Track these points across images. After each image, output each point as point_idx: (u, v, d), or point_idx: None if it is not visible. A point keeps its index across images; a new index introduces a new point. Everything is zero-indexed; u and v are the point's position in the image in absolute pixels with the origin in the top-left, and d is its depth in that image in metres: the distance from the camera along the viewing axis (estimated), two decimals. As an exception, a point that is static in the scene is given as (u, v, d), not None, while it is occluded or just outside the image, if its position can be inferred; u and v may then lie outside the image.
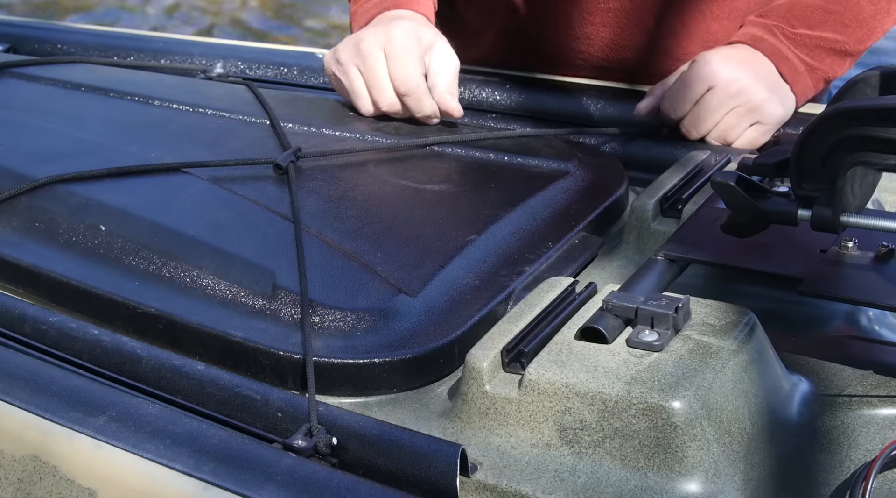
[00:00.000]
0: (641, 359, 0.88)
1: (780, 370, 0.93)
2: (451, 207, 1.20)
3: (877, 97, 0.96)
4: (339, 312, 1.00)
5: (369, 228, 1.14)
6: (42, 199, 1.17)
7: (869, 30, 1.40)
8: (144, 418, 0.89)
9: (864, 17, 1.39)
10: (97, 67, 1.50)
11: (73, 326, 1.01)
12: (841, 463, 0.90)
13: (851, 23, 1.39)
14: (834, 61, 1.39)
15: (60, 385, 0.93)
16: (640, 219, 1.15)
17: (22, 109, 1.39)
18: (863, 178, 0.98)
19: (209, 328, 0.99)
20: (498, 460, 0.86)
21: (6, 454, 0.90)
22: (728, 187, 0.97)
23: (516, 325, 0.93)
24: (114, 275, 1.08)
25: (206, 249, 1.08)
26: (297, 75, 1.53)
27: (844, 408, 0.92)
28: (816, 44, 1.38)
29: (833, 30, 1.38)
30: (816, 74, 1.38)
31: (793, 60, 1.36)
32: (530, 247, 1.12)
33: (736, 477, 0.84)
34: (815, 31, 1.38)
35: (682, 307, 0.91)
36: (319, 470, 0.84)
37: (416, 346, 0.97)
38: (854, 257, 1.01)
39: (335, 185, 1.22)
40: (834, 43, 1.38)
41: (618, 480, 0.84)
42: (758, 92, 1.33)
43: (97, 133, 1.32)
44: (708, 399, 0.85)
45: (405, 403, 0.95)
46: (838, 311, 1.04)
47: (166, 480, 0.84)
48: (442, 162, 1.26)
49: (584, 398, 0.86)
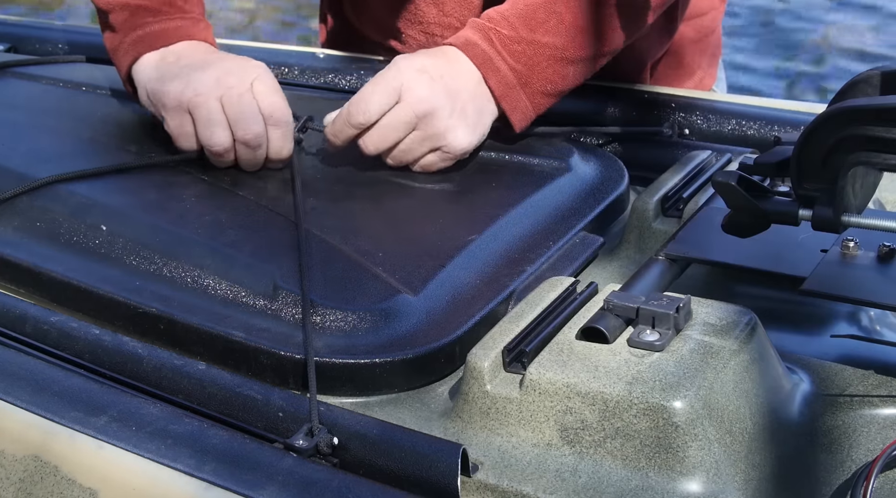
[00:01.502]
0: (642, 359, 0.88)
1: (782, 370, 0.93)
2: (451, 207, 1.20)
3: (878, 97, 0.95)
4: (340, 312, 1.00)
5: (370, 228, 1.14)
6: (43, 199, 1.17)
7: (591, 36, 1.29)
8: (145, 418, 0.89)
9: (586, 19, 1.28)
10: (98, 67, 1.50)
11: (74, 326, 1.01)
12: (842, 463, 0.90)
13: (572, 25, 1.27)
14: (555, 71, 1.27)
15: (61, 385, 0.93)
16: (641, 218, 1.15)
17: (23, 109, 1.39)
18: (864, 178, 0.98)
19: (210, 328, 1.00)
20: (499, 460, 0.86)
21: (7, 454, 0.90)
22: (729, 187, 0.97)
23: (517, 324, 0.93)
24: (115, 275, 1.07)
25: (206, 248, 1.08)
26: (297, 75, 1.53)
27: (845, 408, 0.92)
28: (535, 51, 1.26)
29: (555, 32, 1.27)
30: (533, 88, 1.26)
31: (504, 72, 1.25)
32: (531, 246, 1.12)
33: (737, 477, 0.84)
34: (536, 35, 1.26)
35: (683, 307, 0.91)
36: (320, 470, 0.84)
37: (417, 346, 0.97)
38: (855, 257, 1.01)
39: (336, 185, 1.22)
40: (554, 49, 1.26)
41: (619, 480, 0.84)
42: (444, 119, 1.21)
43: (98, 133, 1.32)
44: (709, 399, 0.85)
45: (406, 402, 0.95)
46: (839, 311, 1.04)
47: (167, 480, 0.84)
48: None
49: (585, 398, 0.86)
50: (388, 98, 1.20)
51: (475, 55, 1.25)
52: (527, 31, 1.26)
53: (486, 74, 1.24)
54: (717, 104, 1.41)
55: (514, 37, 1.26)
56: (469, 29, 1.27)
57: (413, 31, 1.47)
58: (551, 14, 1.27)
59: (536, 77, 1.26)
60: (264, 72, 1.25)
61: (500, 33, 1.26)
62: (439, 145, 1.22)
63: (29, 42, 1.69)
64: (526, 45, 1.26)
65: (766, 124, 1.37)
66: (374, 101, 1.20)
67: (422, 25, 1.45)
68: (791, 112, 1.39)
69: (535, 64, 1.26)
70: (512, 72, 1.25)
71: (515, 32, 1.26)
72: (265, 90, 1.23)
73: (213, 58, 1.27)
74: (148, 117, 1.32)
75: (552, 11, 1.27)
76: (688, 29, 1.56)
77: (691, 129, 1.40)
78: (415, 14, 1.45)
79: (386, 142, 1.21)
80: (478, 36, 1.26)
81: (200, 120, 1.22)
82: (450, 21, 1.42)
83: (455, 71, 1.24)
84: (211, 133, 1.22)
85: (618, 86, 1.47)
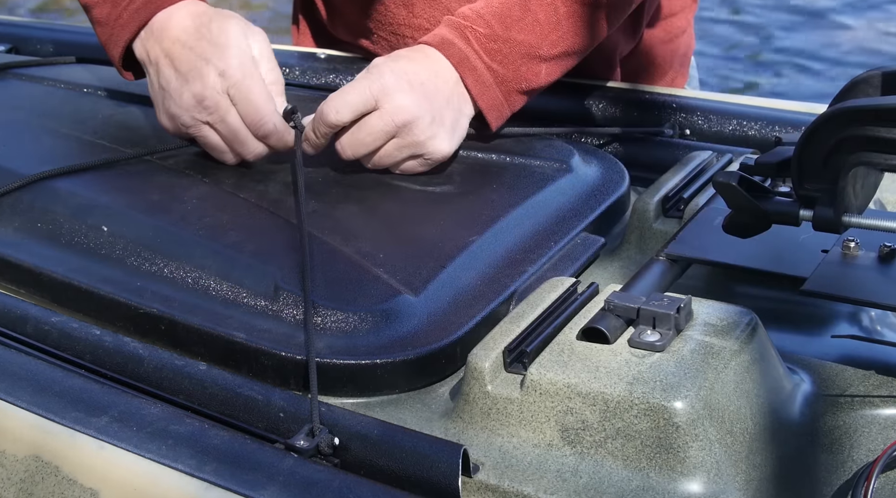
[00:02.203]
0: (643, 359, 0.88)
1: (782, 370, 0.93)
2: (452, 208, 1.20)
3: (878, 97, 0.95)
4: (341, 313, 1.00)
5: (371, 229, 1.14)
6: (44, 199, 1.17)
7: (564, 33, 1.29)
8: (146, 419, 0.89)
9: (558, 17, 1.28)
10: (99, 68, 1.50)
11: (75, 327, 1.01)
12: (843, 463, 0.90)
13: (547, 22, 1.27)
14: (529, 69, 1.27)
15: (62, 385, 0.93)
16: (642, 219, 1.15)
17: (24, 110, 1.39)
18: (864, 179, 0.98)
19: (211, 329, 1.00)
20: (500, 461, 0.86)
21: (8, 454, 0.90)
22: (730, 187, 0.97)
23: (518, 325, 0.93)
24: (116, 275, 1.08)
25: (207, 249, 1.08)
26: (297, 75, 1.53)
27: (846, 408, 0.92)
28: (510, 49, 1.26)
29: (530, 30, 1.27)
30: (508, 86, 1.26)
31: (481, 71, 1.25)
32: (532, 247, 1.12)
33: (738, 477, 0.84)
34: (511, 33, 1.26)
35: (684, 307, 0.91)
36: (321, 470, 0.84)
37: (418, 346, 0.97)
38: (856, 258, 1.01)
39: (336, 187, 1.22)
40: (529, 47, 1.27)
41: (620, 481, 0.84)
42: (424, 128, 1.20)
43: (99, 134, 1.32)
44: (710, 399, 0.85)
45: (407, 403, 0.95)
46: (840, 311, 1.04)
47: (168, 481, 0.84)
48: (443, 162, 1.26)
49: (585, 398, 0.86)
50: (363, 101, 1.19)
51: (452, 55, 1.25)
52: (502, 29, 1.26)
53: (463, 74, 1.25)
54: (717, 104, 1.41)
55: (489, 34, 1.26)
56: (445, 27, 1.27)
57: (383, 33, 1.47)
58: (526, 12, 1.27)
59: (512, 75, 1.27)
60: (236, 58, 1.21)
61: (476, 31, 1.26)
62: (420, 153, 1.22)
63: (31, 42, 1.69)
64: (502, 44, 1.26)
65: (766, 125, 1.37)
66: (347, 101, 1.19)
67: (392, 27, 1.45)
68: (792, 112, 1.39)
69: (511, 62, 1.27)
70: (488, 71, 1.26)
71: (491, 30, 1.26)
72: (244, 97, 1.20)
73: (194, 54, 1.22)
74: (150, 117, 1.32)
75: (527, 9, 1.27)
76: (658, 30, 1.57)
77: (692, 130, 1.40)
78: (385, 16, 1.45)
79: (364, 148, 1.21)
80: (454, 34, 1.26)
81: (203, 145, 1.24)
82: (419, 23, 1.43)
83: (434, 73, 1.23)
84: (219, 156, 1.24)
85: (618, 86, 1.48)
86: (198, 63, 1.21)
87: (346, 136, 1.21)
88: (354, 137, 1.20)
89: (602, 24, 1.33)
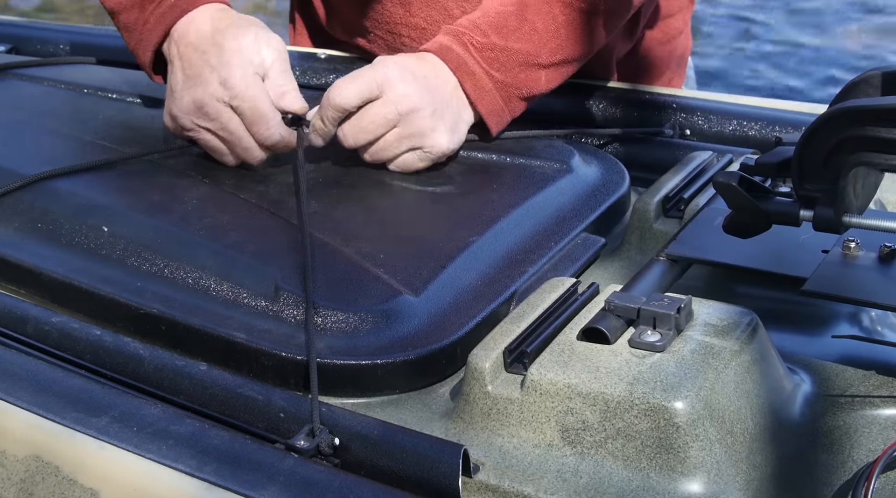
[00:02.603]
0: (643, 359, 0.88)
1: (783, 370, 0.93)
2: (453, 208, 1.20)
3: (878, 97, 0.95)
4: (342, 314, 1.00)
5: (371, 230, 1.14)
6: (44, 199, 1.17)
7: (563, 42, 1.29)
8: (147, 419, 0.89)
9: (556, 25, 1.29)
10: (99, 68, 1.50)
11: (75, 327, 1.01)
12: (843, 463, 0.90)
13: (545, 31, 1.28)
14: (528, 76, 1.28)
15: (63, 386, 0.93)
16: (642, 219, 1.15)
17: (24, 110, 1.39)
18: (865, 179, 0.98)
19: (212, 330, 1.00)
20: (500, 461, 0.86)
21: (9, 455, 0.90)
22: (730, 188, 0.97)
23: (518, 325, 0.93)
24: (116, 276, 1.08)
25: (208, 250, 1.08)
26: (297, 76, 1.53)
27: (847, 408, 0.92)
28: (508, 58, 1.27)
29: (528, 39, 1.28)
30: (508, 92, 1.28)
31: (479, 76, 1.26)
32: (532, 247, 1.12)
33: (738, 477, 0.84)
34: (508, 42, 1.27)
35: (685, 308, 0.91)
36: (321, 470, 0.84)
37: (419, 347, 0.97)
38: (856, 258, 1.01)
39: (336, 188, 1.22)
40: (527, 55, 1.28)
41: (620, 481, 0.84)
42: (425, 118, 1.21)
43: (99, 134, 1.32)
44: (710, 399, 0.85)
45: (407, 403, 0.95)
46: (841, 311, 1.04)
47: (168, 481, 0.84)
48: (443, 163, 1.26)
49: (586, 399, 0.86)
50: (368, 88, 1.21)
51: (451, 60, 1.26)
52: (499, 38, 1.27)
53: (461, 78, 1.26)
54: (718, 105, 1.41)
55: (486, 44, 1.27)
56: (443, 35, 1.28)
57: (381, 32, 1.48)
58: (523, 21, 1.28)
59: (511, 81, 1.28)
60: (240, 68, 1.21)
61: (473, 39, 1.27)
62: (420, 145, 1.23)
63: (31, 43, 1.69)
64: (499, 52, 1.27)
65: (767, 125, 1.37)
66: (353, 87, 1.21)
67: (389, 26, 1.46)
68: (792, 113, 1.39)
69: (509, 69, 1.27)
70: (487, 76, 1.26)
71: (487, 39, 1.27)
72: (248, 109, 1.21)
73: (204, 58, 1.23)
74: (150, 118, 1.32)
75: (523, 18, 1.28)
76: (656, 31, 1.57)
77: (692, 130, 1.40)
78: (382, 15, 1.46)
79: (366, 136, 1.22)
80: (453, 41, 1.27)
81: (203, 147, 1.25)
82: (416, 21, 1.43)
83: (434, 74, 1.25)
84: (219, 158, 1.25)
85: (618, 87, 1.48)
86: (203, 69, 1.21)
87: (348, 124, 1.22)
88: (357, 125, 1.21)
89: (600, 31, 1.34)
